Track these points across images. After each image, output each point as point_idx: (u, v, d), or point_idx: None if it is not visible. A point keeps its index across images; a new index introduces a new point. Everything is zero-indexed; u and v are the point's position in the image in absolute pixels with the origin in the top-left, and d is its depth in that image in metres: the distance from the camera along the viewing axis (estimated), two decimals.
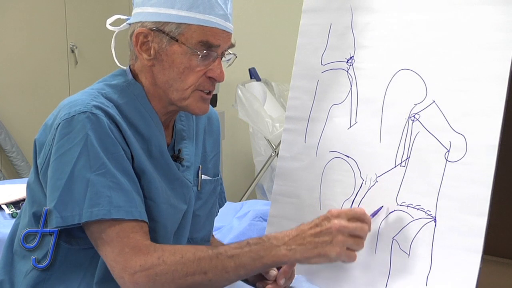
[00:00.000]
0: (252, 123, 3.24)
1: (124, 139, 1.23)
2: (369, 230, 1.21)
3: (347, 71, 1.47)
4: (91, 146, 1.18)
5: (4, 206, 2.09)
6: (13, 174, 4.08)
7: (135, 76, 1.32)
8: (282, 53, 3.01)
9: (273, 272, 1.36)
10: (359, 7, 1.47)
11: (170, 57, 1.24)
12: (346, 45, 1.48)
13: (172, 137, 1.38)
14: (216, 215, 1.56)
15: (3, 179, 3.87)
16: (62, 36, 4.30)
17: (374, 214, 1.29)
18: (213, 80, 1.27)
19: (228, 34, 1.27)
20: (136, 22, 1.27)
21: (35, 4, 4.14)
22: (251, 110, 3.20)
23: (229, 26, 1.26)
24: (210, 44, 1.23)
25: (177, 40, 1.22)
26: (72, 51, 4.33)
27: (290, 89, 1.60)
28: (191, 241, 1.40)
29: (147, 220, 1.22)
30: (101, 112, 1.20)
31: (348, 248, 1.17)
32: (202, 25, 1.22)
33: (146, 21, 1.25)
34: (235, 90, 3.29)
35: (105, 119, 1.20)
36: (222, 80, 1.27)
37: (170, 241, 1.30)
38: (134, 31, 1.26)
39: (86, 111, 1.19)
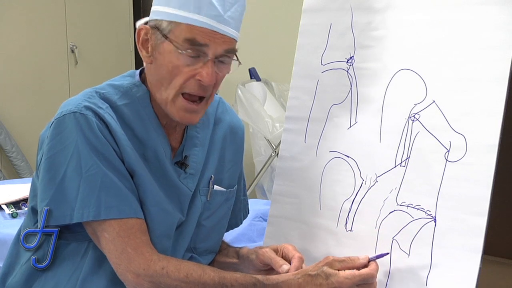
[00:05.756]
0: (252, 123, 3.24)
1: (114, 139, 1.23)
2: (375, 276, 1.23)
3: (347, 71, 1.47)
4: (82, 148, 1.19)
5: (4, 206, 2.09)
6: (13, 174, 4.08)
7: (144, 77, 1.33)
8: (282, 53, 3.00)
9: (285, 267, 1.36)
10: (359, 7, 1.47)
11: (162, 54, 1.23)
12: (346, 45, 1.48)
13: (181, 142, 1.36)
14: (238, 225, 1.57)
15: (3, 179, 3.87)
16: (62, 36, 4.30)
17: (379, 257, 1.27)
18: (200, 83, 1.23)
19: (223, 37, 1.22)
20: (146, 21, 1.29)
21: (35, 4, 4.15)
22: (251, 110, 3.20)
23: (224, 28, 1.22)
24: (196, 42, 1.20)
25: (167, 38, 1.22)
26: (72, 51, 4.33)
27: (290, 89, 1.60)
28: (193, 250, 1.39)
29: (142, 217, 1.22)
30: (90, 113, 1.21)
31: None
32: (190, 24, 1.20)
33: (150, 19, 1.27)
34: (235, 90, 3.29)
35: (94, 119, 1.20)
36: (208, 83, 1.23)
37: (157, 246, 1.26)
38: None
39: (76, 112, 1.21)
